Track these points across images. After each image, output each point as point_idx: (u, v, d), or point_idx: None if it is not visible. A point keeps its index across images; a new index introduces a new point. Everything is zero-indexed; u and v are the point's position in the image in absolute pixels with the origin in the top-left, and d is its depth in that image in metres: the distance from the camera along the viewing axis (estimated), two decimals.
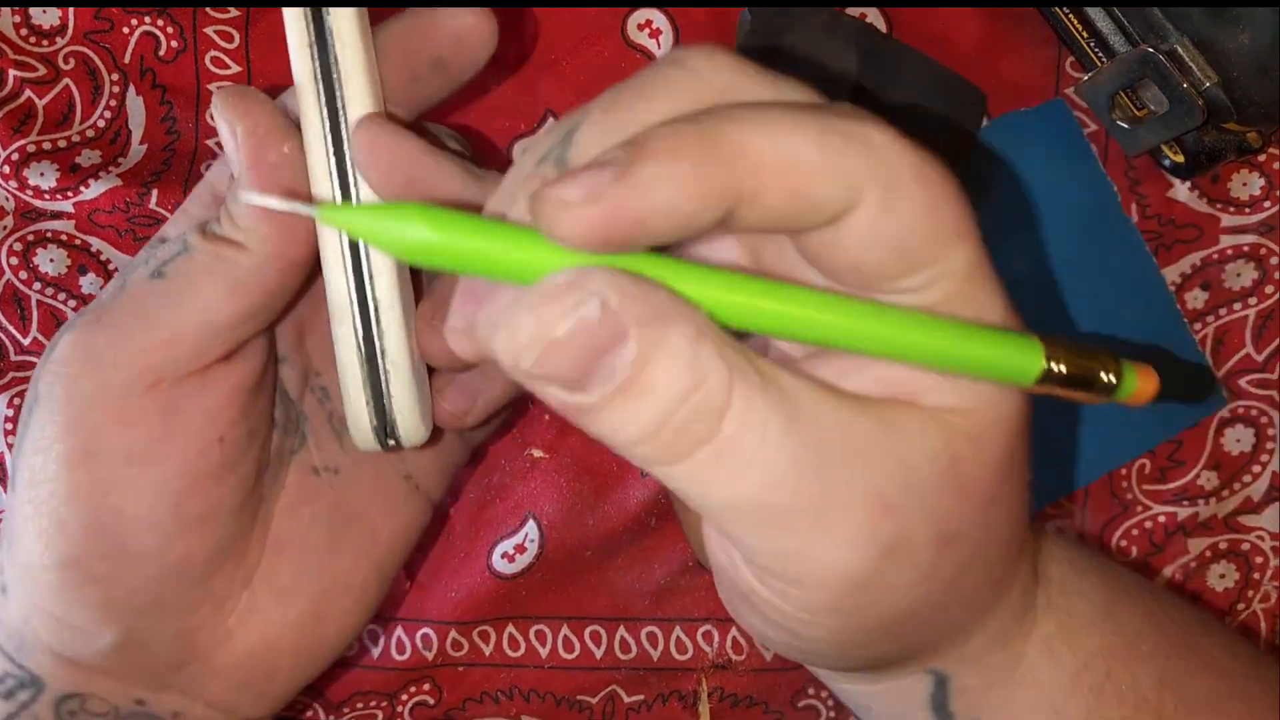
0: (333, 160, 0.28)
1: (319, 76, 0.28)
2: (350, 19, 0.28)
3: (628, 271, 0.21)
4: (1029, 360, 0.24)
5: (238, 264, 0.28)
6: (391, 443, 0.30)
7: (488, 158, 0.41)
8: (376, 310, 0.29)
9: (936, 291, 0.23)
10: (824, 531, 0.22)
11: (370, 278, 0.29)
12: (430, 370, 0.32)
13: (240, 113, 0.28)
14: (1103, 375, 0.25)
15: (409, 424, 0.30)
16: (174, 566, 0.29)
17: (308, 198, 0.29)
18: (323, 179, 0.28)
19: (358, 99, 0.28)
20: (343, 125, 0.28)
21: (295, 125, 0.29)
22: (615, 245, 0.20)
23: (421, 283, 0.32)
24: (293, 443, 0.33)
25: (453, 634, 0.43)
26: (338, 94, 0.28)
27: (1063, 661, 0.30)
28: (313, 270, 0.30)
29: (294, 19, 0.28)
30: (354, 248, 0.29)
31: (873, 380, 0.24)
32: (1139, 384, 0.25)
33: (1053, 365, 0.24)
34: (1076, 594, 0.31)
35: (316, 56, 0.28)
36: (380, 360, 0.29)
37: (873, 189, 0.22)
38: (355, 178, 0.28)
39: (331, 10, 0.28)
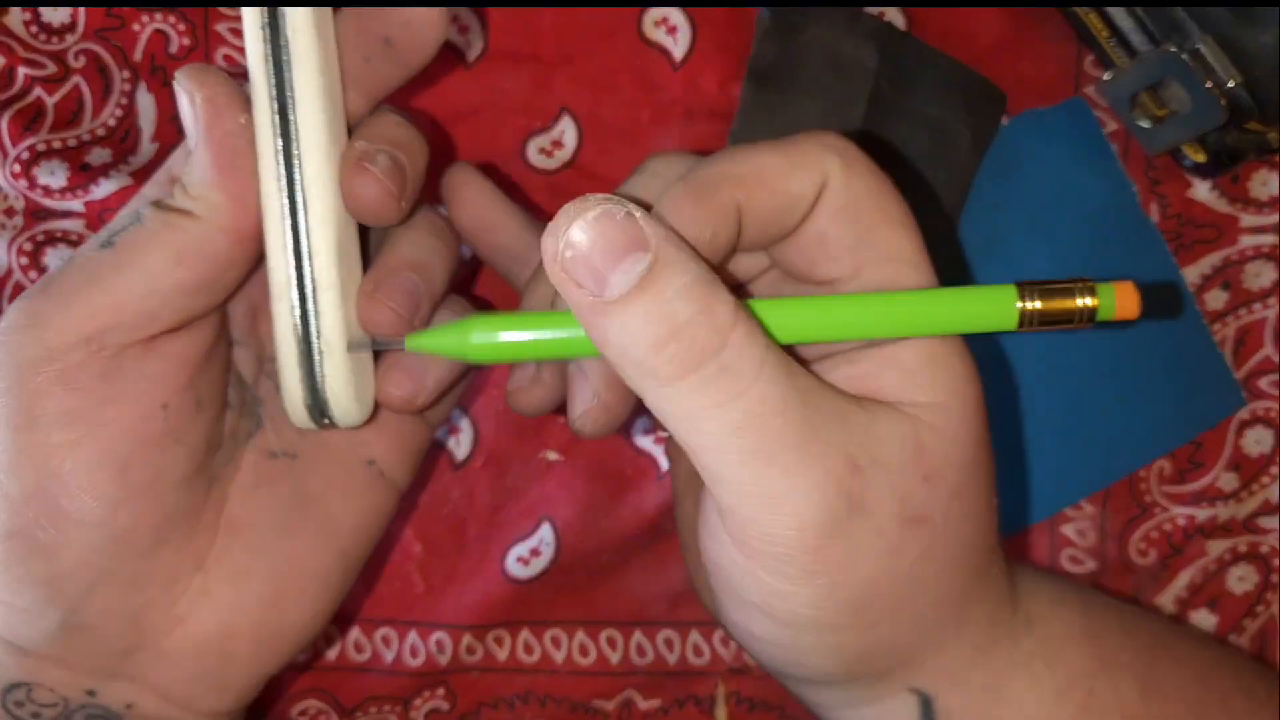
0: (278, 133, 0.29)
1: (269, 55, 0.29)
2: (305, 13, 0.29)
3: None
4: (1005, 304, 0.27)
5: (187, 232, 0.28)
6: (326, 421, 0.30)
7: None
8: (315, 290, 0.29)
9: (892, 271, 0.27)
10: (802, 472, 0.25)
11: (310, 257, 0.29)
12: (378, 355, 0.32)
13: (199, 83, 0.29)
14: (1078, 301, 0.27)
15: (342, 403, 0.30)
16: (119, 535, 0.29)
17: (254, 169, 0.29)
18: (268, 153, 0.29)
19: (307, 79, 0.29)
20: (289, 97, 0.29)
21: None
22: None
23: (368, 260, 0.32)
24: (249, 426, 0.33)
25: (467, 639, 0.42)
26: (286, 73, 0.29)
27: (1044, 682, 0.31)
28: (263, 250, 0.30)
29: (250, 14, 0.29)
30: (294, 227, 0.29)
31: (844, 379, 0.27)
32: (1118, 301, 0.27)
33: (1027, 304, 0.27)
34: (1055, 619, 0.32)
35: (269, 39, 0.29)
36: (315, 340, 0.30)
37: (833, 167, 0.27)
38: (299, 155, 0.29)
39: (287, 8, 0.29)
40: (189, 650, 0.31)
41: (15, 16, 0.39)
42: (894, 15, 0.42)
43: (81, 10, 0.39)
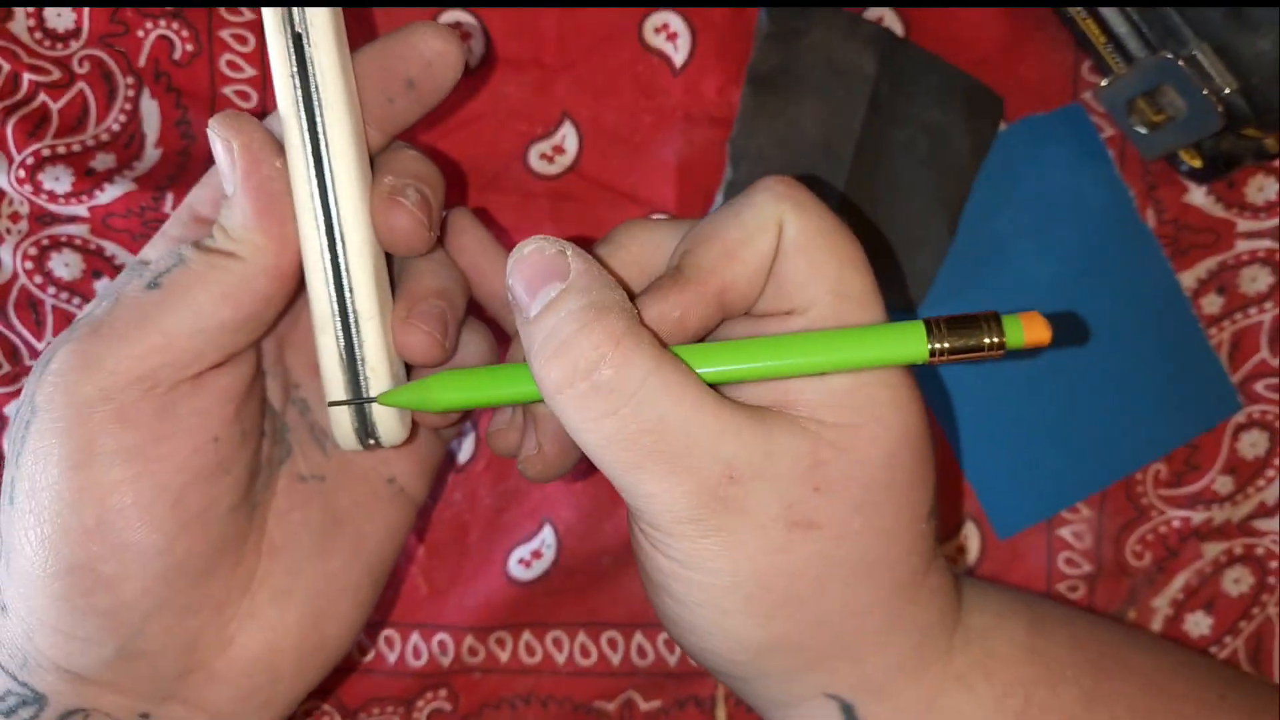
0: (314, 175, 0.31)
1: (300, 101, 0.30)
2: (330, 51, 0.30)
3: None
4: (915, 343, 0.29)
5: (231, 272, 0.30)
6: (372, 442, 0.32)
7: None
8: (357, 321, 0.31)
9: (840, 307, 0.29)
10: (673, 480, 0.28)
11: (351, 290, 0.31)
12: (408, 369, 0.34)
13: (235, 130, 0.30)
14: (985, 338, 0.29)
15: (389, 425, 0.32)
16: (177, 564, 0.30)
17: (291, 211, 0.31)
18: (304, 195, 0.31)
19: (337, 123, 0.31)
20: (321, 142, 0.30)
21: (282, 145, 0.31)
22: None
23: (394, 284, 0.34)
24: (280, 452, 0.34)
25: (469, 640, 0.43)
26: (318, 119, 0.30)
27: (980, 693, 0.32)
28: (299, 284, 0.32)
29: (277, 48, 0.30)
30: (335, 264, 0.31)
31: (762, 391, 0.29)
32: (1026, 332, 0.29)
33: (935, 344, 0.29)
34: (998, 633, 0.33)
35: (299, 86, 0.30)
36: (361, 367, 0.32)
37: (786, 213, 0.29)
38: (334, 195, 0.31)
39: (311, 38, 0.30)
40: (238, 670, 0.32)
41: (20, 22, 0.39)
42: (893, 21, 0.42)
43: (86, 16, 0.40)
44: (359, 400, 0.32)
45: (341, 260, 0.31)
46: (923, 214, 0.42)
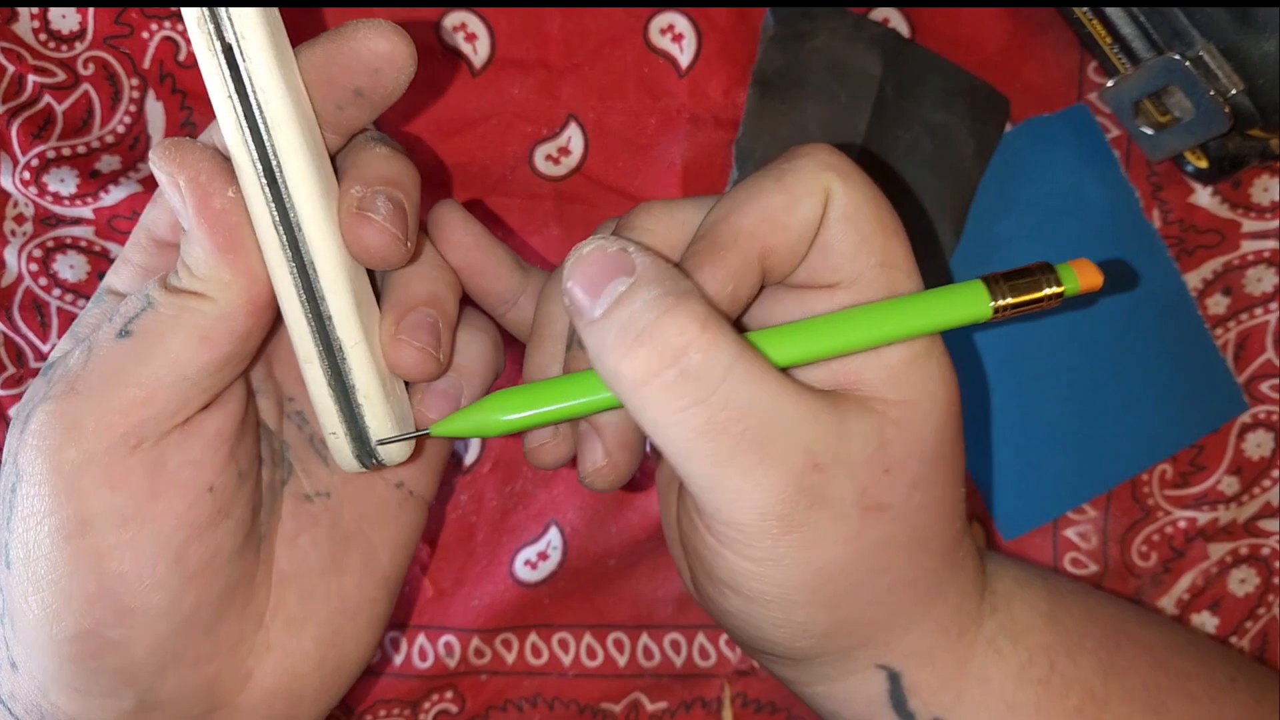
0: (271, 202, 0.28)
1: (244, 124, 0.27)
2: (268, 63, 0.27)
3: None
4: (978, 301, 0.29)
5: (203, 313, 0.28)
6: (375, 463, 0.30)
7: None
8: (341, 350, 0.29)
9: (888, 277, 0.29)
10: (762, 472, 0.27)
11: (330, 319, 0.29)
12: (409, 384, 0.32)
13: (179, 164, 0.27)
14: (1044, 289, 0.29)
15: (389, 446, 0.30)
16: (185, 620, 0.29)
17: (255, 240, 0.28)
18: (265, 224, 0.28)
19: (289, 143, 0.27)
20: (274, 165, 0.27)
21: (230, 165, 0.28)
22: None
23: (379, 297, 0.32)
24: (281, 474, 0.33)
25: (475, 642, 0.43)
26: (267, 141, 0.27)
27: (1007, 657, 0.32)
28: (278, 310, 0.29)
29: (207, 63, 0.27)
30: (308, 292, 0.28)
31: (829, 373, 0.29)
32: (1081, 279, 0.29)
33: (998, 300, 0.29)
34: (1019, 601, 0.33)
35: (239, 107, 0.27)
36: (352, 395, 0.29)
37: (833, 183, 0.28)
38: (297, 220, 0.28)
39: (245, 51, 0.27)
40: (260, 702, 0.31)
41: (25, 24, 0.39)
42: (898, 22, 0.42)
43: (91, 18, 0.40)
44: (407, 436, 0.30)
45: (316, 288, 0.28)
46: (928, 216, 0.42)
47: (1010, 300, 0.29)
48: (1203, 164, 0.41)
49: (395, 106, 0.40)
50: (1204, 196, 0.43)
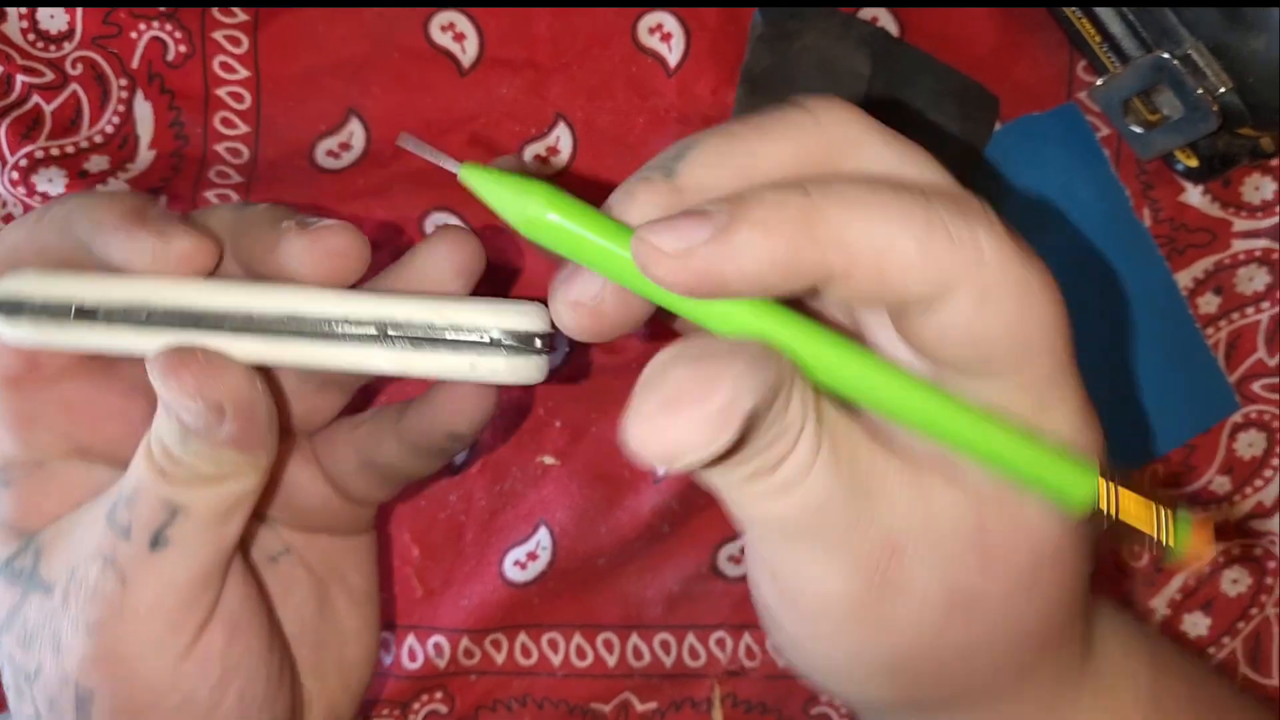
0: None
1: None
2: None
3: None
4: (1080, 488, 0.24)
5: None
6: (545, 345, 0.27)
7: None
8: (385, 328, 0.27)
9: (1011, 394, 0.24)
10: (834, 558, 0.24)
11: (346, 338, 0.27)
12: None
13: (222, 392, 0.26)
14: (1159, 531, 0.25)
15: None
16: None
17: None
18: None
19: None
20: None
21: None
22: (699, 295, 0.22)
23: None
24: (248, 546, 0.33)
25: (465, 642, 0.43)
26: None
27: None
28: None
29: None
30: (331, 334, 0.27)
31: (919, 444, 0.25)
32: (1194, 542, 0.25)
33: (1105, 505, 0.24)
34: (1124, 681, 0.31)
35: None
36: (437, 333, 0.27)
37: (966, 292, 0.22)
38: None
39: None
40: None
41: (13, 24, 0.39)
42: (887, 21, 0.42)
43: (79, 18, 0.40)
44: (435, 155, 0.26)
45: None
46: None
47: (1114, 518, 0.24)
48: (1193, 163, 0.41)
49: (384, 107, 0.41)
50: (1195, 195, 0.43)
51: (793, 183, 0.22)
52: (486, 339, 0.26)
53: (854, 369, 0.23)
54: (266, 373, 0.28)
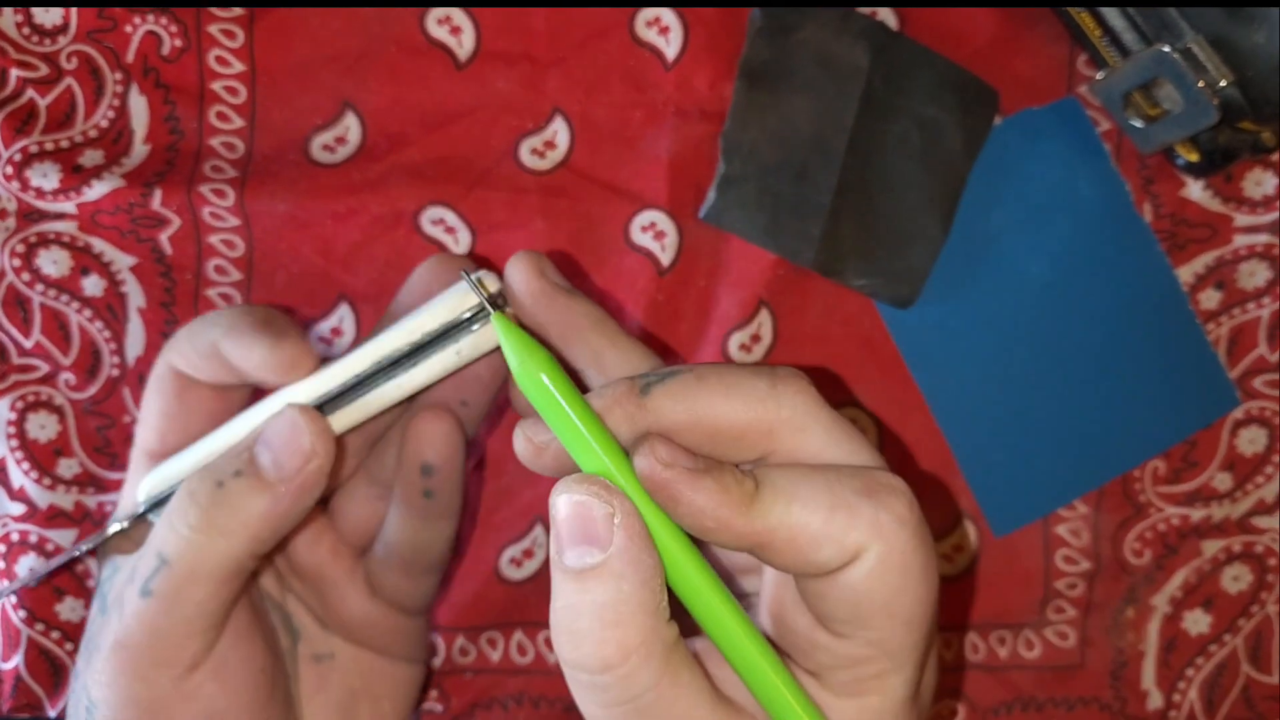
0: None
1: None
2: None
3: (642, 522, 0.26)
4: None
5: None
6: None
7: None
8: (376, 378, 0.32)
9: (864, 650, 0.27)
10: None
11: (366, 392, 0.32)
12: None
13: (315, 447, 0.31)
14: None
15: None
16: None
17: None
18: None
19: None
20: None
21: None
22: (657, 499, 0.26)
23: None
24: (290, 640, 0.36)
25: (460, 640, 0.42)
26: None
27: None
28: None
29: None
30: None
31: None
32: None
33: None
34: None
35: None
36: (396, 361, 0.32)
37: (859, 564, 0.26)
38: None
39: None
40: None
41: (8, 18, 0.39)
42: (886, 15, 0.41)
43: (74, 12, 0.39)
44: (483, 306, 0.30)
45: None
46: (916, 210, 0.41)
47: None
48: (1194, 157, 0.41)
49: (380, 101, 0.41)
50: (1196, 190, 0.42)
51: (747, 471, 0.26)
52: (455, 324, 0.30)
53: (705, 600, 0.27)
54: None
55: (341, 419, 0.32)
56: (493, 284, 0.31)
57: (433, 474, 0.33)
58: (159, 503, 0.33)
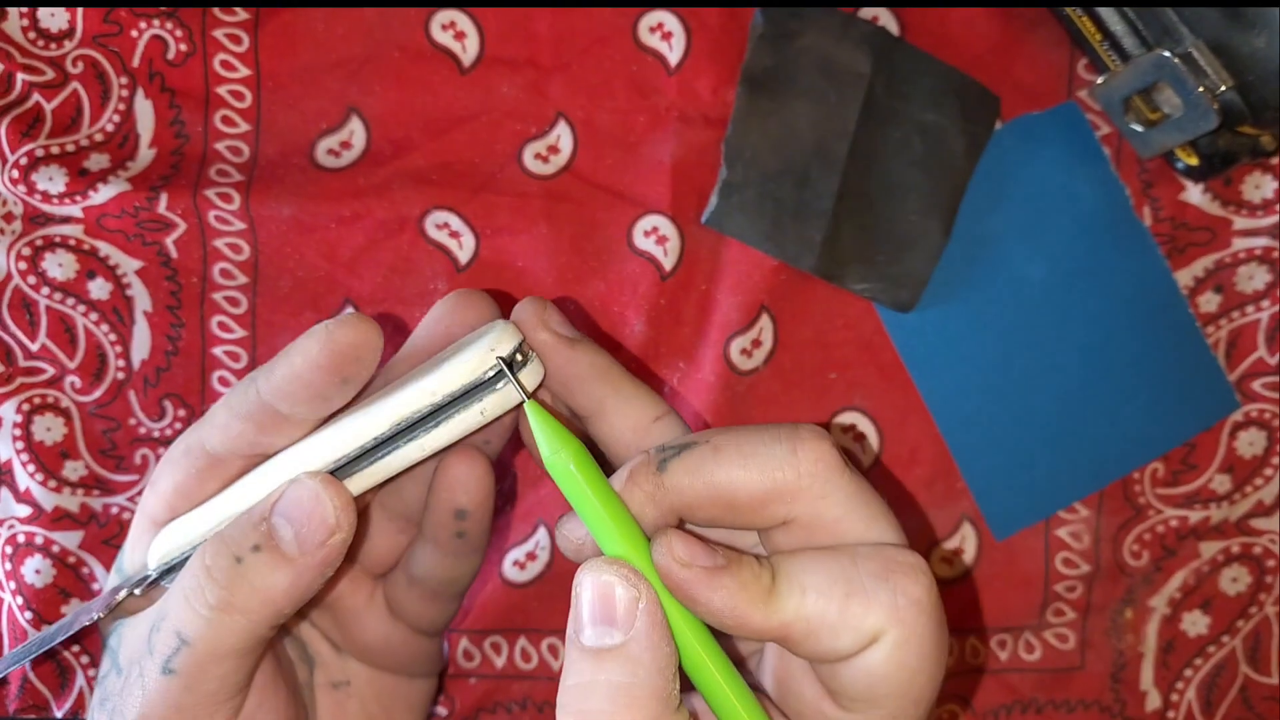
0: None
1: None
2: None
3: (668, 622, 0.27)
4: None
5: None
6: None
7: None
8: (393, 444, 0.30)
9: None
10: None
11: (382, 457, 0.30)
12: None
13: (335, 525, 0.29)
14: None
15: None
16: None
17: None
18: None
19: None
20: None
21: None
22: (677, 595, 0.27)
23: None
24: (307, 669, 0.35)
25: (464, 644, 0.42)
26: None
27: None
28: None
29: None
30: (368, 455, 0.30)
31: None
32: None
33: None
34: None
35: None
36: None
37: (876, 646, 0.27)
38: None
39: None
40: None
41: (14, 22, 0.39)
42: (888, 20, 0.42)
43: (80, 16, 0.40)
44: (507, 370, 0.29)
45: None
46: (917, 215, 0.42)
47: None
48: (1193, 161, 0.41)
49: (385, 106, 0.41)
50: (1195, 194, 0.43)
51: (765, 560, 0.27)
52: (478, 384, 0.29)
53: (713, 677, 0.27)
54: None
55: (359, 481, 0.30)
56: (512, 339, 0.29)
57: (466, 517, 0.33)
58: (171, 568, 0.32)
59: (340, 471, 0.30)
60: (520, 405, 0.29)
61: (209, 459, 0.31)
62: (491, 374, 0.29)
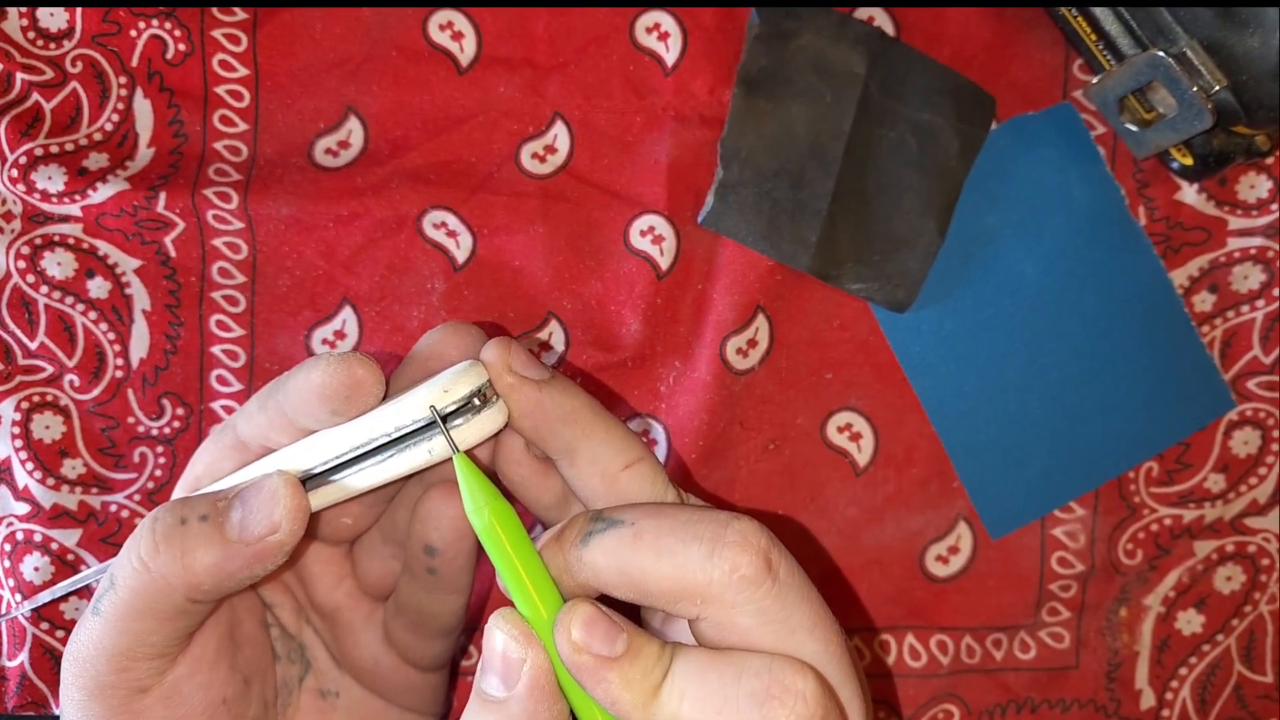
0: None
1: None
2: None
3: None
4: None
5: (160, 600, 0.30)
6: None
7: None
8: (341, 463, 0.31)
9: None
10: None
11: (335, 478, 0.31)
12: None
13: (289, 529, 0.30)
14: None
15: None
16: None
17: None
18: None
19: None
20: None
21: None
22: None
23: None
24: (299, 670, 0.35)
25: (464, 643, 0.43)
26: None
27: None
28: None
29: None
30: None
31: None
32: None
33: None
34: None
35: None
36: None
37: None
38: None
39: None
40: None
41: (13, 22, 0.40)
42: (884, 21, 0.42)
43: (79, 16, 0.40)
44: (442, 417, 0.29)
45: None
46: (913, 215, 0.42)
47: None
48: (1188, 161, 0.41)
49: (383, 106, 0.41)
50: (1190, 194, 0.43)
51: (668, 649, 0.27)
52: (430, 421, 0.29)
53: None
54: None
55: (322, 495, 0.31)
56: (472, 382, 0.29)
57: (435, 555, 0.33)
58: None
59: (311, 481, 0.30)
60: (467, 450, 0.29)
61: (236, 442, 0.32)
62: (451, 410, 0.29)
